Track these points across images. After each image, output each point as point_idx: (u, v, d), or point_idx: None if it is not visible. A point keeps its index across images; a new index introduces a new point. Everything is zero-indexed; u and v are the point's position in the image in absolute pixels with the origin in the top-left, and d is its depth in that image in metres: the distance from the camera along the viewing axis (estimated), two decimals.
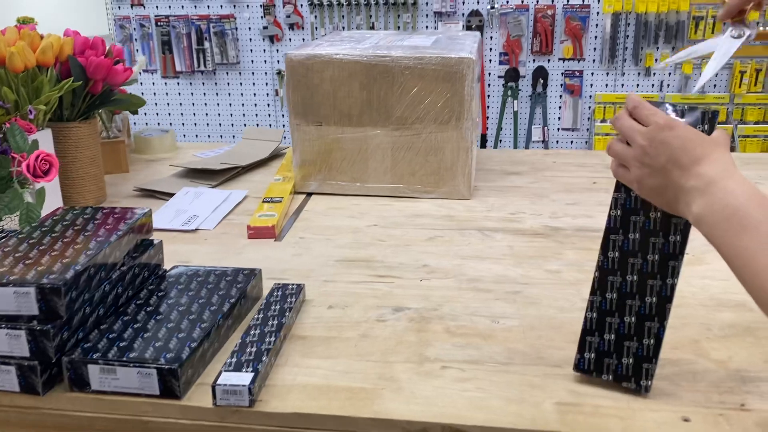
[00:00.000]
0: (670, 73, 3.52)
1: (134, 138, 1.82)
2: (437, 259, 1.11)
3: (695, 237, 0.68)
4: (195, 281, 0.92)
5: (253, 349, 0.78)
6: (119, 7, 3.81)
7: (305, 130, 1.42)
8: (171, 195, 1.42)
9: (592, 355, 0.75)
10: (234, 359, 0.76)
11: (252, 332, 0.82)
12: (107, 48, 1.37)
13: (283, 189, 1.41)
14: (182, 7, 3.76)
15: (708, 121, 0.69)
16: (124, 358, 0.73)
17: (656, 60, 3.50)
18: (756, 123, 3.50)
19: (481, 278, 1.03)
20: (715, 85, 3.51)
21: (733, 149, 3.53)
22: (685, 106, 0.70)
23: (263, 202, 1.33)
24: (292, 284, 0.94)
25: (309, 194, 1.45)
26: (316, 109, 1.40)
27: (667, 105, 0.70)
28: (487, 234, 1.22)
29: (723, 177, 0.62)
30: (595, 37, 3.51)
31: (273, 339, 0.80)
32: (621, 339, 0.73)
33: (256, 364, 0.75)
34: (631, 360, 0.73)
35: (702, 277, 1.02)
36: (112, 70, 1.31)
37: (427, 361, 0.80)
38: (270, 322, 0.84)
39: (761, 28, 0.82)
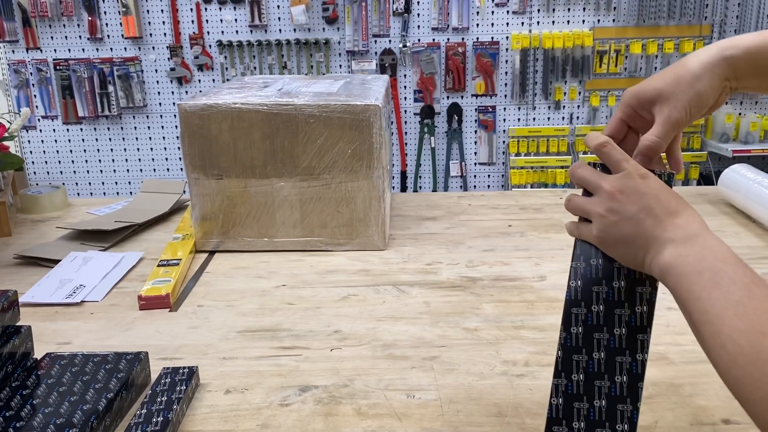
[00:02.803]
0: (579, 106, 3.62)
1: (20, 197, 1.67)
2: (350, 323, 1.03)
3: None
4: (69, 372, 0.80)
5: None
6: (13, 51, 3.59)
7: (205, 184, 1.32)
8: (56, 262, 1.28)
9: None
10: None
11: None
12: None
13: (181, 249, 1.30)
14: (83, 50, 3.59)
15: (665, 182, 0.65)
16: None
17: (565, 93, 3.59)
18: None
19: (396, 343, 0.96)
20: None
21: None
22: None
23: (158, 265, 1.22)
24: (184, 368, 0.84)
25: (211, 252, 1.35)
26: (215, 162, 1.31)
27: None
28: (403, 289, 1.15)
29: (703, 233, 0.59)
30: (506, 73, 3.57)
31: None
32: (592, 426, 0.65)
33: None
34: None
35: None
36: None
37: None
38: (154, 419, 0.73)
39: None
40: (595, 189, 0.65)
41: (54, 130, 3.71)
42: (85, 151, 3.74)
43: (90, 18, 3.53)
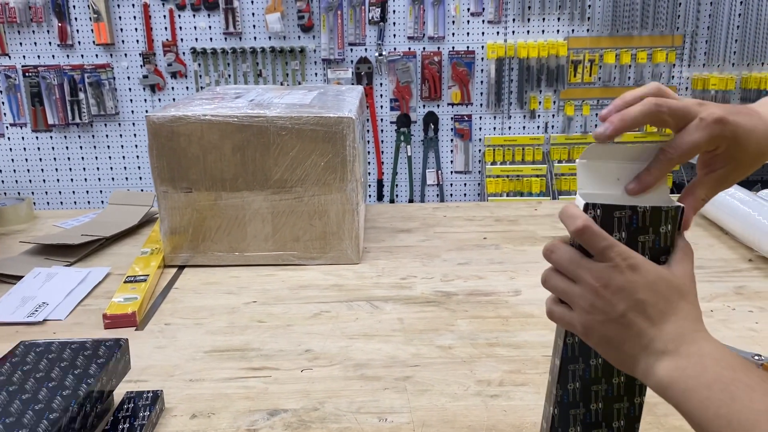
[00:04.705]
0: (553, 115, 3.64)
1: None
2: (322, 341, 1.00)
3: None
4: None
5: None
6: None
7: (174, 198, 1.29)
8: (19, 278, 1.24)
9: None
10: None
11: None
12: None
13: (150, 264, 1.27)
14: (53, 56, 3.52)
15: (670, 220, 0.58)
16: None
17: (540, 103, 3.60)
18: None
19: (369, 363, 0.94)
20: (596, 126, 3.64)
21: None
22: (647, 207, 0.57)
23: (125, 282, 1.18)
24: (148, 392, 0.81)
25: (181, 267, 1.32)
26: (184, 175, 1.27)
27: (626, 209, 0.57)
28: (377, 305, 1.13)
29: (694, 337, 0.53)
30: (481, 82, 3.58)
31: None
32: None
33: None
34: None
35: None
36: None
37: None
38: None
39: None
40: (576, 279, 0.56)
41: (23, 138, 3.63)
42: (55, 159, 3.67)
43: (60, 24, 3.46)
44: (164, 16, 3.49)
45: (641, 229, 0.58)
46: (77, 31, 3.50)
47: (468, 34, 3.52)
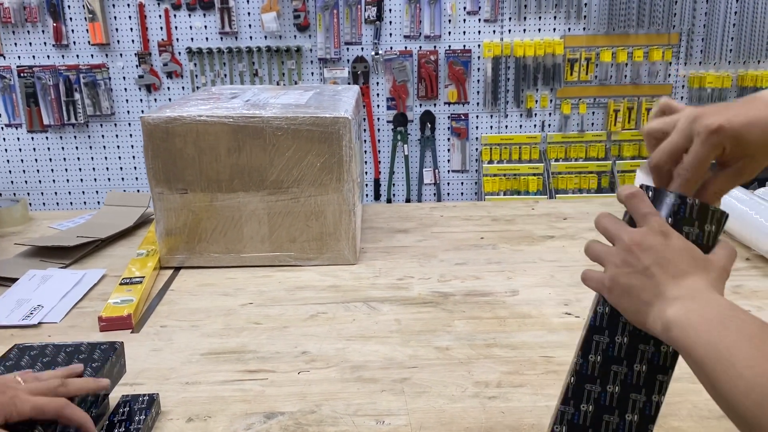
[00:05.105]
0: (550, 114, 3.64)
1: None
2: (318, 343, 1.00)
3: None
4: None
5: None
6: None
7: (169, 199, 1.28)
8: (14, 280, 1.24)
9: None
10: None
11: None
12: None
13: (146, 265, 1.26)
14: (48, 57, 3.51)
15: (716, 221, 0.61)
16: None
17: (536, 101, 3.60)
18: (632, 158, 3.67)
19: (366, 364, 0.93)
20: (593, 124, 3.65)
21: (613, 184, 3.67)
22: (696, 201, 0.61)
23: (121, 283, 1.18)
24: (144, 395, 0.80)
25: (177, 269, 1.31)
26: (179, 176, 1.27)
27: (676, 196, 0.61)
28: (374, 306, 1.13)
29: (708, 290, 0.57)
30: (478, 80, 3.57)
31: None
32: None
33: None
34: None
35: None
36: None
37: None
38: None
39: None
40: (614, 239, 0.62)
41: (18, 138, 3.61)
42: (50, 160, 3.65)
43: (55, 24, 3.44)
44: (160, 16, 3.48)
45: (687, 219, 0.62)
46: (72, 31, 3.48)
47: (464, 32, 3.52)
